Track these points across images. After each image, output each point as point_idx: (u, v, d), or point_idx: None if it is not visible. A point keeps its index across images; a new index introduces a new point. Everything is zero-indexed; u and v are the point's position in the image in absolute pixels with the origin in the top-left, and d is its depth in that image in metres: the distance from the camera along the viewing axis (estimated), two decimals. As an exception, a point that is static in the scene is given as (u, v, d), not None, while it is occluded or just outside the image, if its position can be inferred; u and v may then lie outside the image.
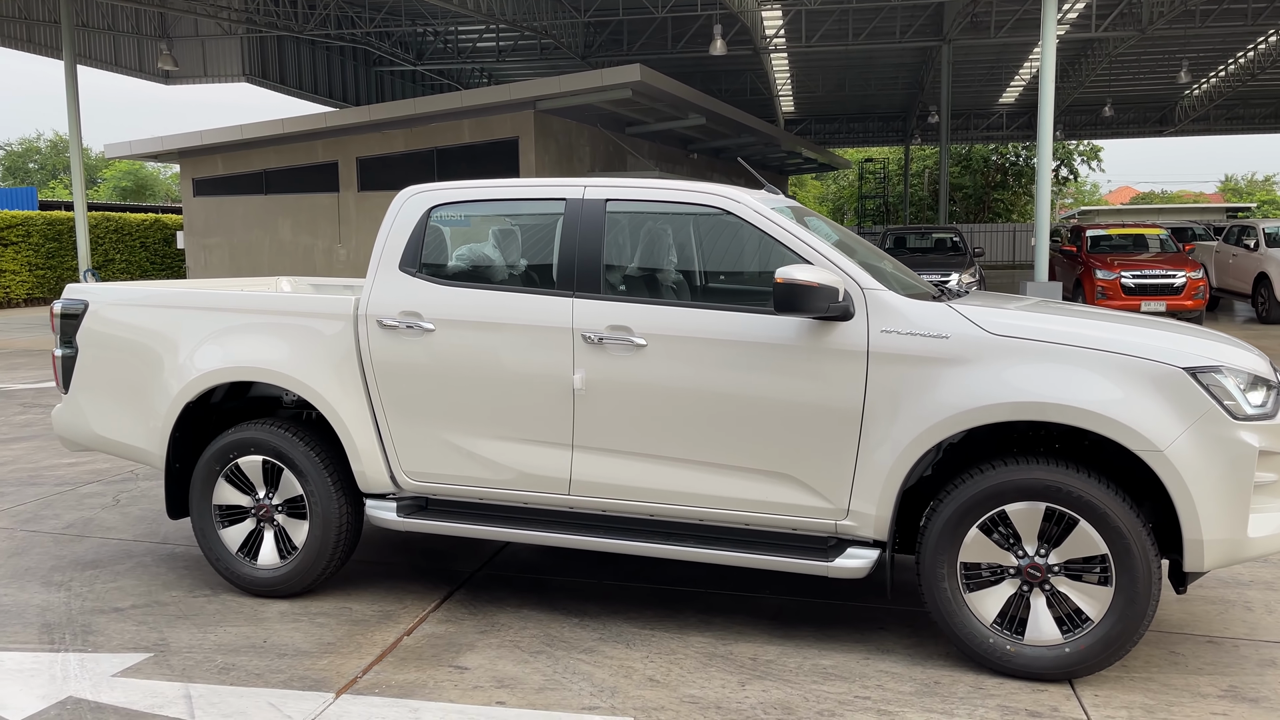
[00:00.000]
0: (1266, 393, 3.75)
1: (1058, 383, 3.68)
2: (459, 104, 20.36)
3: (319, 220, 22.35)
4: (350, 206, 22.14)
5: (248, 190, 22.86)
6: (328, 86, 31.97)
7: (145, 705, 3.67)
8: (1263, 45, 31.91)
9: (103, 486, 6.98)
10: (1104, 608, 3.70)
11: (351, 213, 22.15)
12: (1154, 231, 18.41)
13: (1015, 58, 33.43)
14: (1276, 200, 63.95)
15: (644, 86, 19.03)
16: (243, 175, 22.89)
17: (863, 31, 28.03)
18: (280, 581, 4.70)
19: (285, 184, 22.59)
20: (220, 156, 22.87)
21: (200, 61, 28.73)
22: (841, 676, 3.87)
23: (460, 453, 4.44)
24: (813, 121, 44.20)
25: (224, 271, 22.78)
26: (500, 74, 36.69)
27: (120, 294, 5.02)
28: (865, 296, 3.95)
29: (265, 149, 22.40)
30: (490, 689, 3.79)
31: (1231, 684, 3.79)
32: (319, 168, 22.25)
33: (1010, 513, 3.76)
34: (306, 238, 22.50)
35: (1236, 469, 3.60)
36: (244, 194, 22.85)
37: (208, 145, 22.55)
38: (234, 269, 22.78)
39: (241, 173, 22.86)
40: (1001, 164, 49.02)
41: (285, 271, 22.30)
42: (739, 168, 32.59)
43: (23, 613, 4.61)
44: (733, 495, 4.11)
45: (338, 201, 22.25)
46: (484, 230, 4.68)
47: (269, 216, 22.69)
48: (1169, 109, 41.63)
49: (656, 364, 4.14)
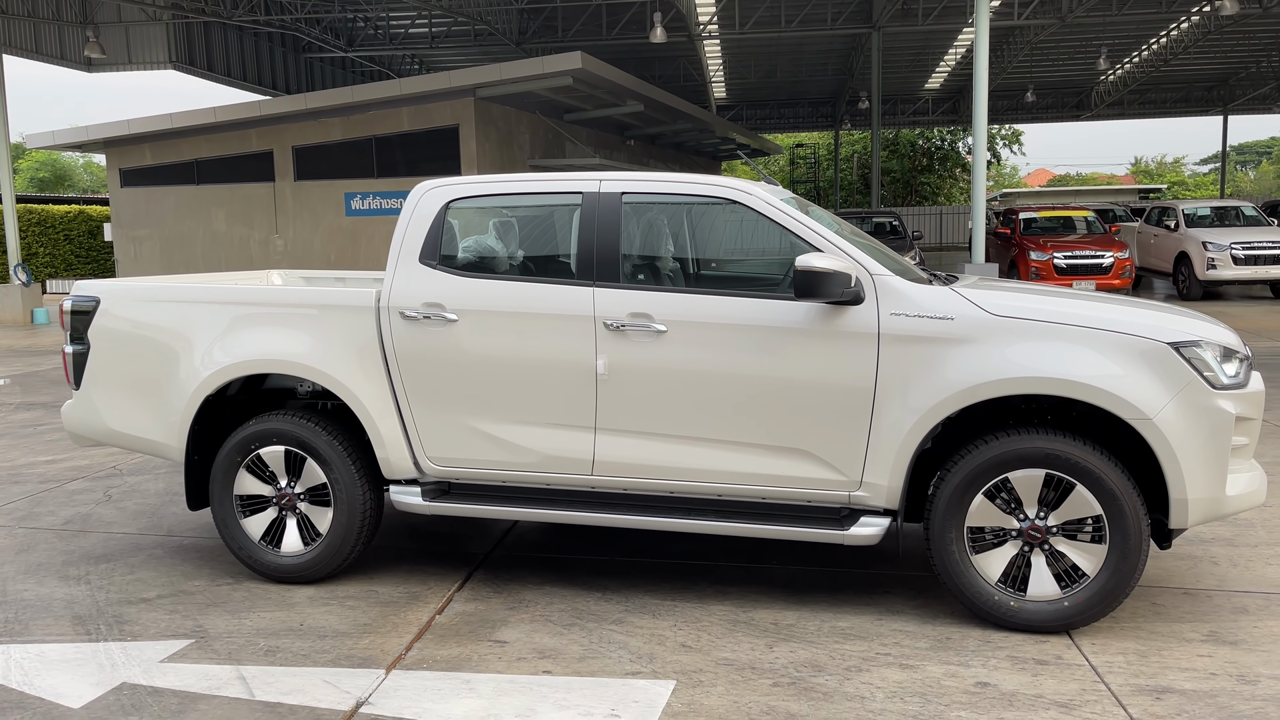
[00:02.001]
0: (1239, 364, 4.13)
1: (1056, 359, 4.00)
2: (398, 92, 20.24)
3: (254, 211, 22.01)
4: (287, 196, 21.85)
5: (178, 180, 22.41)
6: (257, 74, 31.38)
7: (202, 687, 3.79)
8: (1174, 32, 33.18)
9: (89, 483, 6.97)
10: (1099, 563, 4.04)
11: (288, 203, 21.87)
12: (1082, 213, 19.17)
13: (941, 44, 34.26)
14: (1185, 182, 66.51)
15: (585, 74, 19.16)
16: (173, 165, 22.41)
17: (795, 18, 28.48)
18: (306, 568, 4.82)
19: (218, 174, 22.18)
20: (148, 146, 22.36)
21: (124, 48, 27.95)
22: (860, 636, 4.16)
23: (484, 438, 4.62)
24: (745, 107, 44.69)
25: (156, 265, 22.31)
26: (433, 61, 36.39)
27: (133, 290, 5.07)
28: (875, 282, 4.23)
29: (196, 138, 21.96)
30: (533, 660, 3.99)
31: (1211, 629, 4.17)
32: (253, 157, 21.89)
33: (1013, 479, 4.08)
34: (242, 229, 22.16)
35: (1216, 434, 3.96)
36: (174, 184, 22.39)
37: (135, 134, 22.03)
38: (166, 261, 22.33)
39: (171, 162, 22.38)
40: (928, 148, 50.14)
41: (221, 264, 21.95)
42: (674, 154, 32.88)
43: (49, 606, 4.66)
44: (751, 471, 4.36)
45: (274, 191, 21.94)
46: (507, 223, 4.84)
47: (201, 207, 22.27)
48: (1086, 94, 43.02)
49: (677, 349, 4.36)
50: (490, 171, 20.24)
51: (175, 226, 22.38)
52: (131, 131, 21.87)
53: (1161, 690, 3.63)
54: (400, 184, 20.85)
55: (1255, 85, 40.28)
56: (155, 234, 22.52)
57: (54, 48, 27.37)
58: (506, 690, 3.73)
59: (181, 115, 21.61)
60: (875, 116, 31.36)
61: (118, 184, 22.70)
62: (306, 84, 33.60)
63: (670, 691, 3.69)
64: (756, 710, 3.54)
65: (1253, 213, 19.83)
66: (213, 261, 22.01)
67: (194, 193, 22.22)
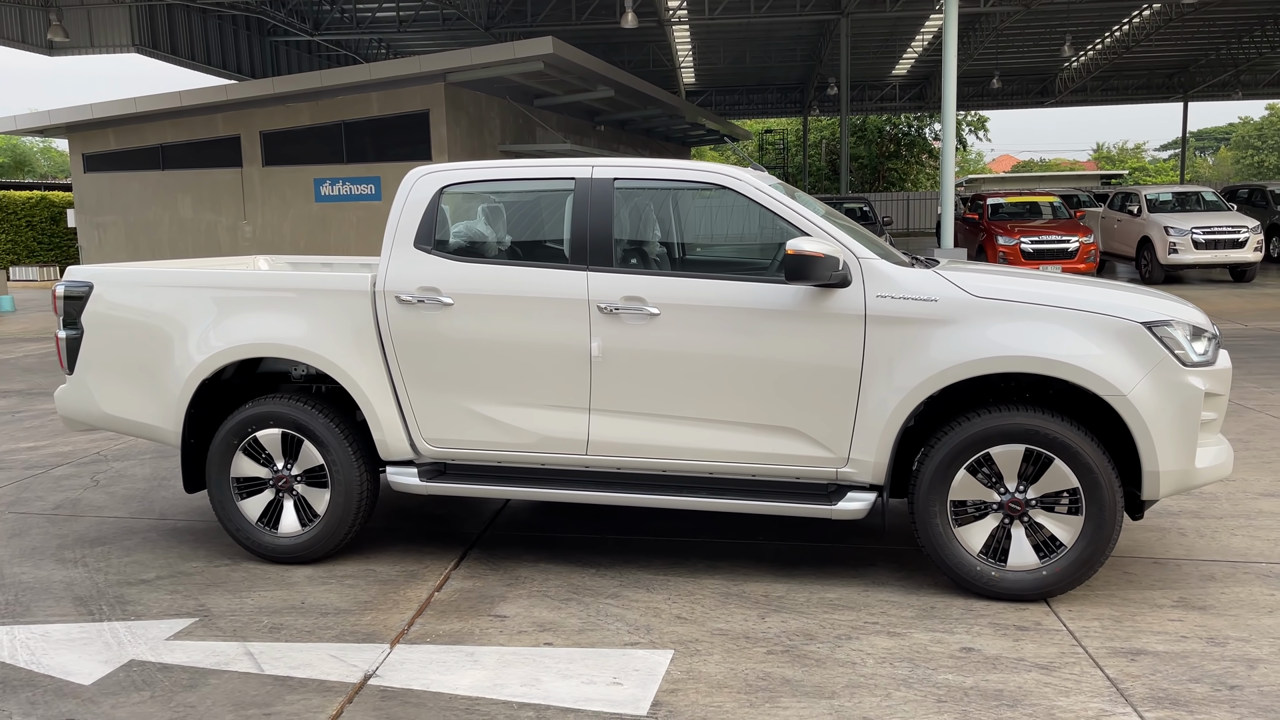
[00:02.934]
0: (1207, 342, 4.31)
1: (1036, 338, 4.17)
2: (367, 76, 20.13)
3: (222, 196, 21.82)
4: (255, 182, 21.68)
5: (143, 166, 22.15)
6: (221, 57, 31.01)
7: (211, 663, 3.88)
8: (1137, 19, 33.66)
9: (73, 468, 6.98)
10: (1076, 534, 4.22)
11: (256, 188, 21.70)
12: (1048, 199, 19.50)
13: (909, 30, 34.52)
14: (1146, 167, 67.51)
15: (556, 59, 19.16)
16: (137, 150, 22.16)
17: (764, 4, 28.59)
18: (303, 548, 4.91)
19: (184, 159, 21.95)
20: (112, 131, 22.09)
21: (86, 31, 27.53)
22: (848, 606, 4.32)
23: (480, 419, 4.72)
24: (713, 93, 44.77)
25: (121, 251, 22.06)
26: (400, 46, 36.13)
27: (127, 275, 5.11)
28: (861, 265, 4.37)
29: (161, 123, 21.70)
30: (534, 633, 4.11)
31: (1181, 596, 4.37)
32: (220, 142, 21.68)
33: (994, 455, 4.25)
34: (209, 215, 21.97)
35: (1187, 409, 4.15)
36: (139, 169, 22.13)
37: (99, 119, 21.74)
38: (131, 248, 22.10)
39: (136, 147, 22.12)
40: (895, 134, 50.51)
41: (188, 250, 21.76)
42: (644, 140, 32.93)
43: (49, 588, 4.72)
44: (741, 449, 4.50)
45: (241, 177, 21.76)
46: (502, 209, 4.93)
47: (167, 193, 22.04)
48: (1050, 80, 43.53)
49: (669, 331, 4.48)
50: (461, 157, 20.21)
51: (140, 212, 22.14)
52: (95, 116, 21.58)
53: (1136, 652, 3.82)
54: (370, 169, 20.78)
55: (1215, 72, 40.97)
56: (120, 220, 22.27)
57: (14, 30, 26.90)
58: (510, 662, 3.85)
59: (146, 99, 21.35)
60: (844, 102, 31.59)
61: (81, 169, 22.41)
62: (272, 68, 33.24)
63: (669, 660, 3.82)
64: (753, 676, 3.68)
65: (1213, 198, 20.26)
66: (179, 248, 21.81)
67: (159, 178, 21.99)
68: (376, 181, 20.82)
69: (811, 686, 3.60)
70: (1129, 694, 3.49)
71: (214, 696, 3.62)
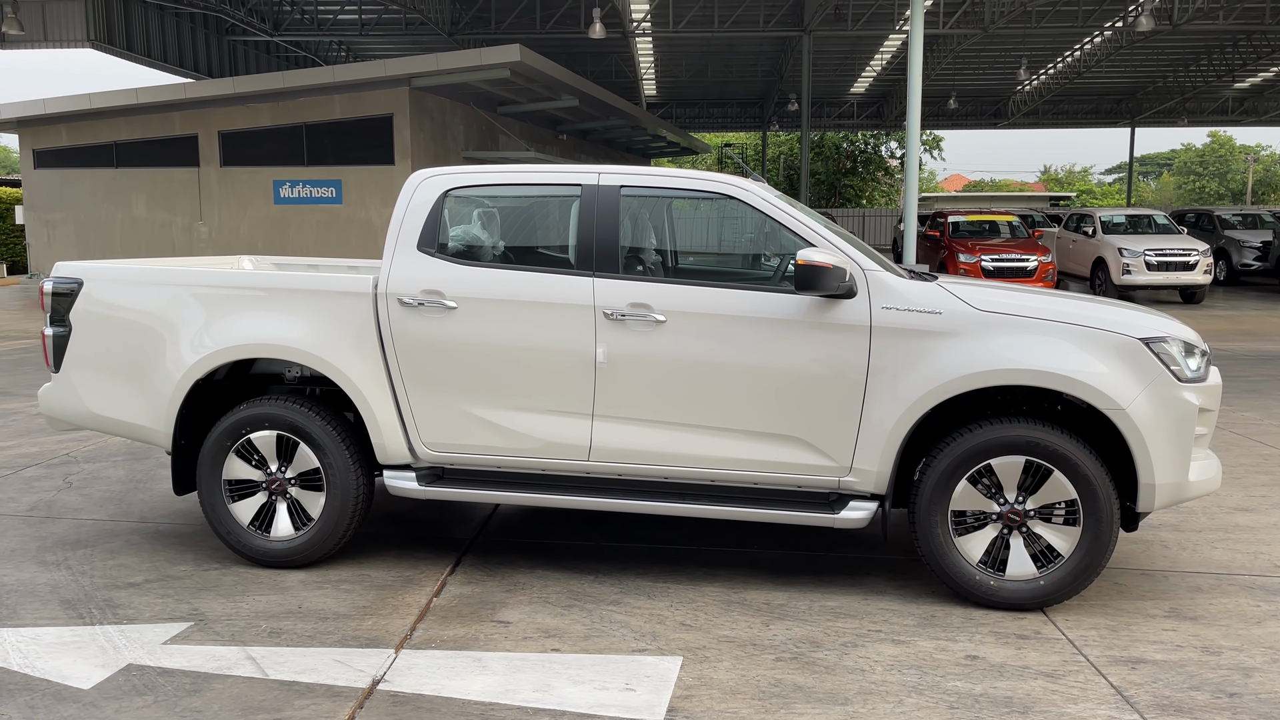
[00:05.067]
0: (1199, 358, 4.43)
1: (1038, 352, 4.25)
2: (331, 79, 19.94)
3: (177, 196, 21.45)
4: (212, 182, 21.35)
5: (96, 163, 21.72)
6: (178, 55, 30.49)
7: (212, 668, 3.81)
8: (1088, 46, 34.47)
9: (44, 469, 6.81)
10: (1073, 544, 4.30)
11: (214, 189, 21.37)
12: (1007, 218, 19.86)
13: (868, 49, 35.00)
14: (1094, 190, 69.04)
15: (523, 67, 19.13)
16: (90, 147, 21.72)
17: (728, 19, 28.81)
18: (296, 552, 4.83)
19: (139, 157, 21.56)
20: (65, 127, 21.64)
21: (40, 24, 26.89)
22: (850, 615, 4.36)
23: (482, 424, 4.69)
24: (674, 105, 44.98)
25: (71, 249, 21.58)
26: (361, 49, 35.84)
27: (117, 272, 5.01)
28: (866, 277, 4.43)
29: (116, 119, 21.30)
30: (539, 639, 4.09)
31: (1171, 606, 4.47)
32: (177, 140, 21.32)
33: (995, 465, 4.32)
34: (163, 214, 21.58)
35: (1182, 423, 4.26)
36: (92, 167, 21.70)
37: (51, 114, 21.30)
38: (82, 246, 21.63)
39: (89, 144, 21.69)
40: (852, 151, 51.11)
41: (142, 249, 21.35)
42: (604, 150, 32.99)
43: (34, 591, 4.59)
44: (744, 457, 4.52)
45: (198, 177, 21.42)
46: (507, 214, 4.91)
47: (120, 191, 21.63)
48: (1004, 103, 44.36)
49: (675, 339, 4.50)
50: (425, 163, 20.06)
51: (92, 210, 21.69)
52: (48, 111, 21.13)
53: (1135, 661, 3.90)
54: (330, 173, 20.57)
55: (1161, 99, 42.04)
56: (70, 218, 21.80)
57: (-36, 21, 26.22)
58: (519, 667, 3.82)
59: (101, 95, 20.93)
60: (805, 118, 31.90)
61: (31, 165, 21.91)
62: (229, 68, 32.77)
63: (679, 667, 3.83)
64: (765, 683, 3.70)
65: (1164, 221, 20.78)
66: (132, 247, 21.39)
67: (112, 176, 21.57)
68: (338, 185, 20.63)
69: (824, 693, 3.62)
70: (1134, 701, 3.56)
71: (220, 701, 3.55)
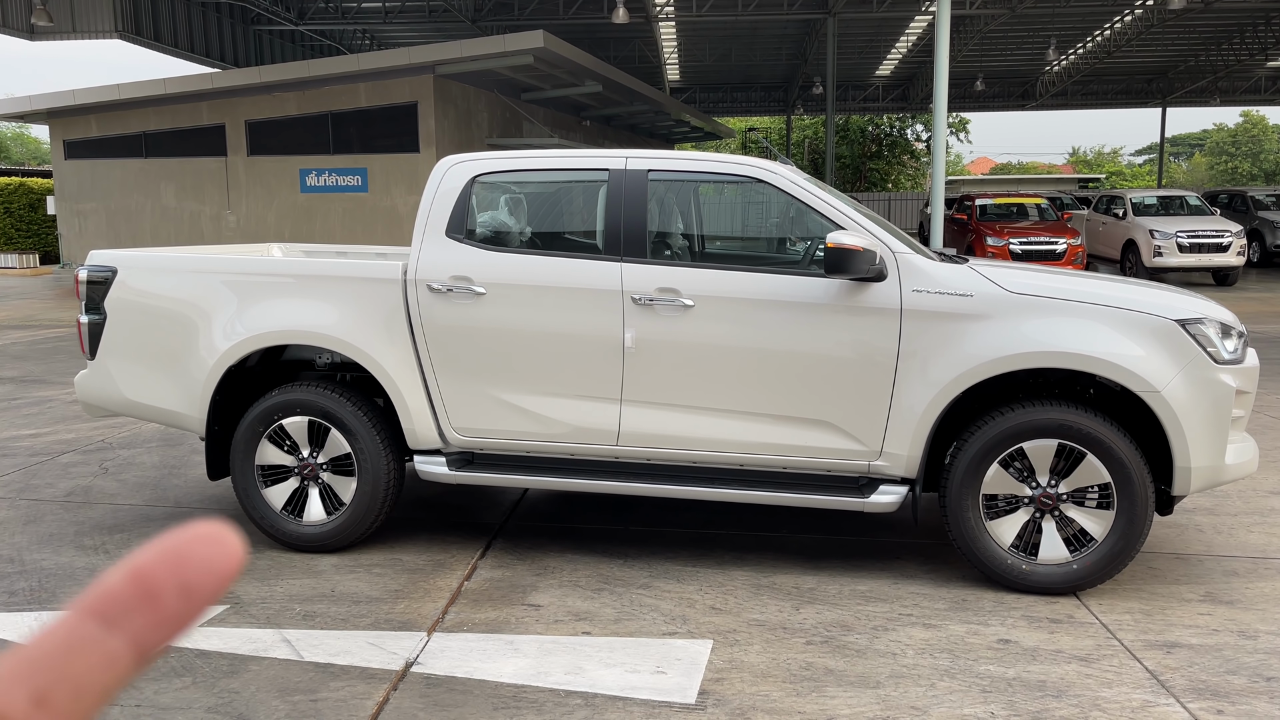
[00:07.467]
0: (1236, 340, 4.37)
1: (1072, 335, 4.21)
2: (356, 67, 20.02)
3: (205, 185, 21.63)
4: (240, 171, 21.50)
5: (125, 153, 21.93)
6: (205, 45, 30.70)
7: (249, 649, 3.85)
8: (1118, 24, 33.98)
9: (80, 456, 6.91)
10: (1107, 528, 4.27)
11: (241, 178, 21.52)
12: (1035, 201, 19.65)
13: (893, 31, 34.67)
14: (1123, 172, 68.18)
15: (546, 53, 19.10)
16: (120, 137, 21.93)
17: (752, 2, 28.62)
18: (329, 536, 4.88)
19: (167, 147, 21.74)
20: (94, 117, 21.86)
21: (69, 15, 27.16)
22: (880, 599, 4.35)
23: (511, 409, 4.71)
24: (698, 90, 44.78)
25: (102, 239, 21.81)
26: (385, 37, 35.91)
27: (151, 260, 5.06)
28: (897, 259, 4.40)
29: (144, 110, 21.48)
30: (570, 622, 4.11)
31: (1207, 590, 4.43)
32: (205, 130, 21.49)
33: (1027, 449, 4.29)
34: (192, 203, 21.77)
35: (1218, 405, 4.21)
36: (121, 157, 21.91)
37: (81, 105, 21.52)
38: (112, 236, 21.86)
39: (118, 134, 21.89)
40: (877, 135, 50.73)
41: (171, 239, 21.56)
42: (628, 136, 32.92)
43: (72, 574, 4.67)
44: (774, 441, 4.51)
45: (226, 166, 21.58)
46: (535, 199, 4.91)
47: (150, 181, 21.83)
48: (1031, 84, 43.85)
49: (704, 323, 4.49)
50: (449, 150, 20.12)
51: (122, 200, 21.92)
52: (78, 102, 21.35)
53: (1170, 645, 3.87)
54: (356, 161, 20.66)
55: (1193, 78, 41.41)
56: (101, 208, 22.04)
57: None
58: (551, 650, 3.85)
59: (130, 86, 21.12)
60: (830, 102, 31.68)
61: (62, 156, 22.16)
62: (255, 57, 32.96)
63: (709, 650, 3.83)
64: (796, 666, 3.70)
65: (1196, 202, 20.49)
66: (161, 236, 21.60)
67: (142, 166, 21.77)
68: (363, 173, 20.72)
69: (855, 676, 3.62)
70: (1170, 685, 3.54)
71: (257, 683, 3.59)
